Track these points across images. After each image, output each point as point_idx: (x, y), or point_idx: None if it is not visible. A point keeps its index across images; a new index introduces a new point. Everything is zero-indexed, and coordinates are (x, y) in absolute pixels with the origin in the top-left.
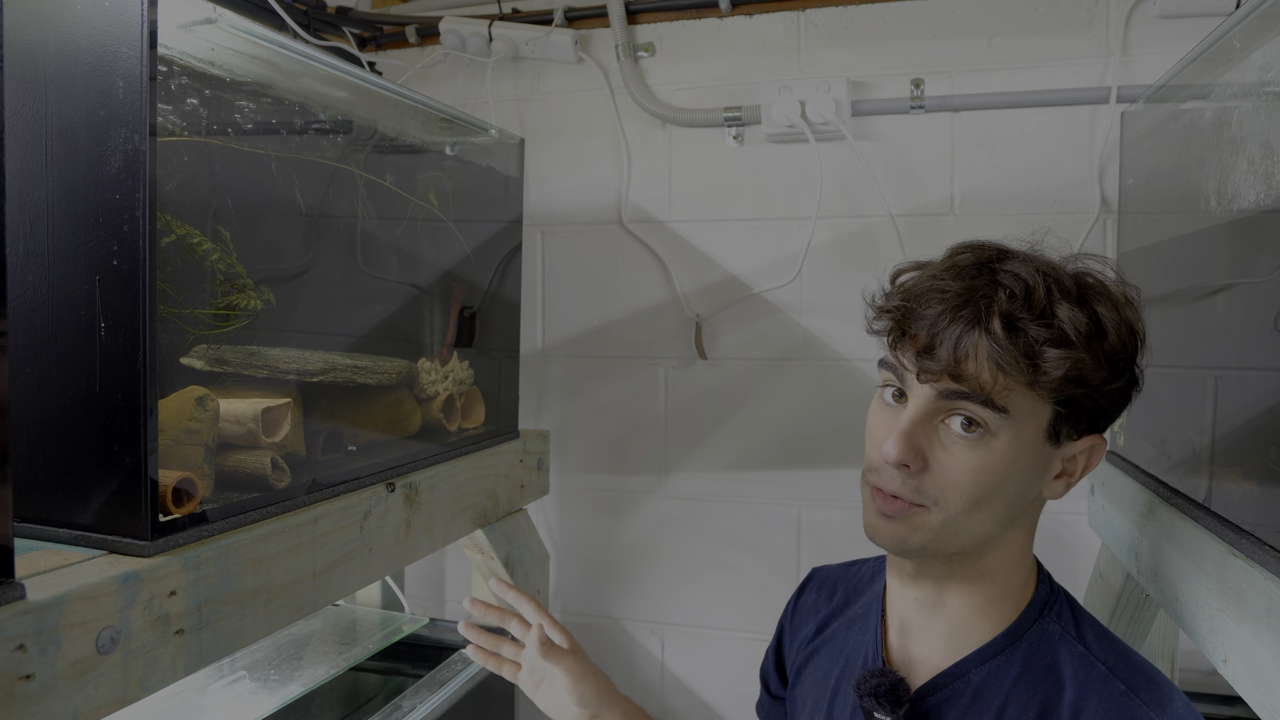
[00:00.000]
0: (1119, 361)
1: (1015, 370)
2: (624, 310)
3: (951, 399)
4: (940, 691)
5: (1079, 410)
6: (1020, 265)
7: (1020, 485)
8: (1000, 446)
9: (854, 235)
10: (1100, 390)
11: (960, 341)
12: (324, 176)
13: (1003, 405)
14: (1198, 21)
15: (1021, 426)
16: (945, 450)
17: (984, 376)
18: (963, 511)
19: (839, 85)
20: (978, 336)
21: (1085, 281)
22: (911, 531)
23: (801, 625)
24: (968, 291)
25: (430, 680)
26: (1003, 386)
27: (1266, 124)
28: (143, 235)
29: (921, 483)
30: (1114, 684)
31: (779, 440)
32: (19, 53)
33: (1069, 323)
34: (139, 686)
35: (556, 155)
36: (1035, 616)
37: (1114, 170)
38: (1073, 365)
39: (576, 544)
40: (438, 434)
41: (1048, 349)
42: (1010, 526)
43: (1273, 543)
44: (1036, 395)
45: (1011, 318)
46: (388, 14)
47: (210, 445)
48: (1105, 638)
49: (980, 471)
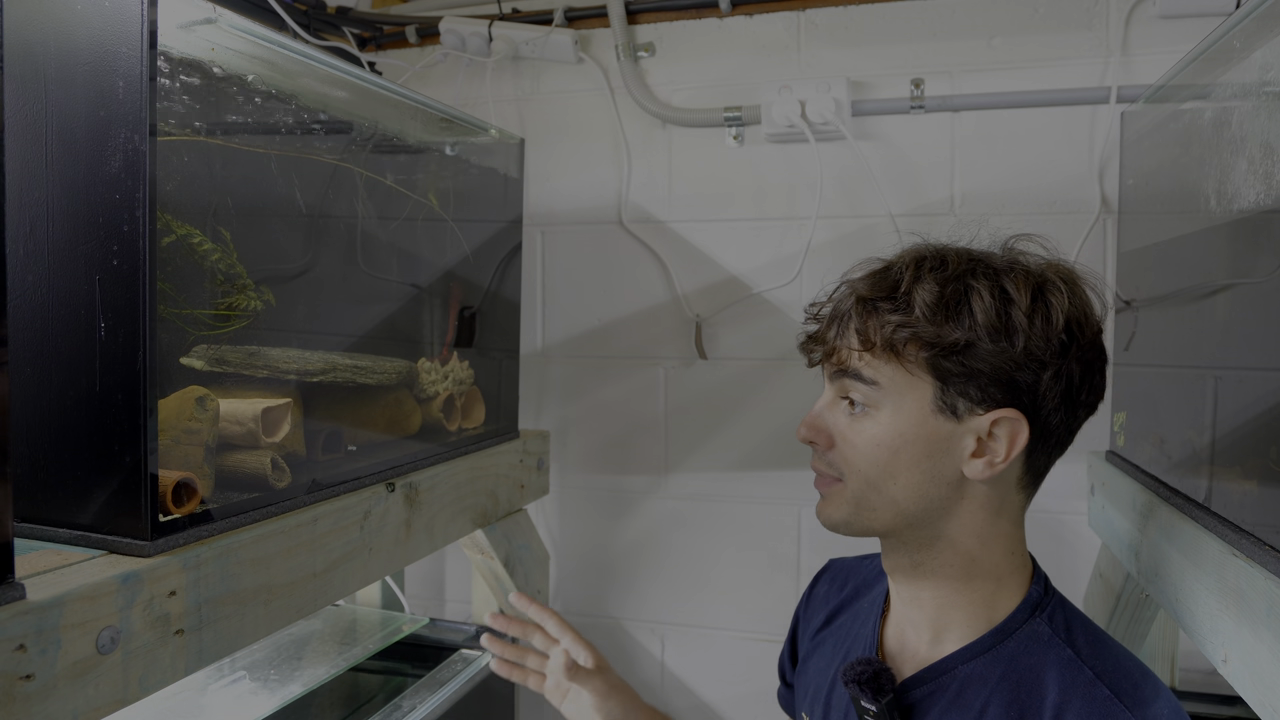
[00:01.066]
0: (996, 332)
1: (868, 340)
2: (624, 310)
3: (839, 379)
4: (924, 685)
5: (960, 380)
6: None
7: (921, 459)
8: (885, 418)
9: (854, 235)
10: (967, 359)
11: (837, 325)
12: (324, 176)
13: (871, 378)
14: (1198, 21)
15: (901, 400)
16: (844, 429)
17: (854, 354)
18: (867, 483)
19: (839, 85)
20: (847, 319)
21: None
22: (834, 507)
23: (814, 616)
24: (854, 282)
25: (430, 680)
26: (868, 362)
27: (1266, 124)
28: (143, 235)
29: (830, 456)
30: (1099, 689)
31: (779, 440)
32: (19, 53)
33: (918, 297)
34: (139, 686)
35: (556, 155)
36: (1025, 617)
37: (1114, 170)
38: (914, 332)
39: (576, 544)
40: (438, 434)
41: (888, 316)
42: (946, 511)
43: (1273, 543)
44: (906, 369)
45: (865, 299)
46: (388, 14)
47: (210, 445)
48: (1097, 642)
49: (871, 443)
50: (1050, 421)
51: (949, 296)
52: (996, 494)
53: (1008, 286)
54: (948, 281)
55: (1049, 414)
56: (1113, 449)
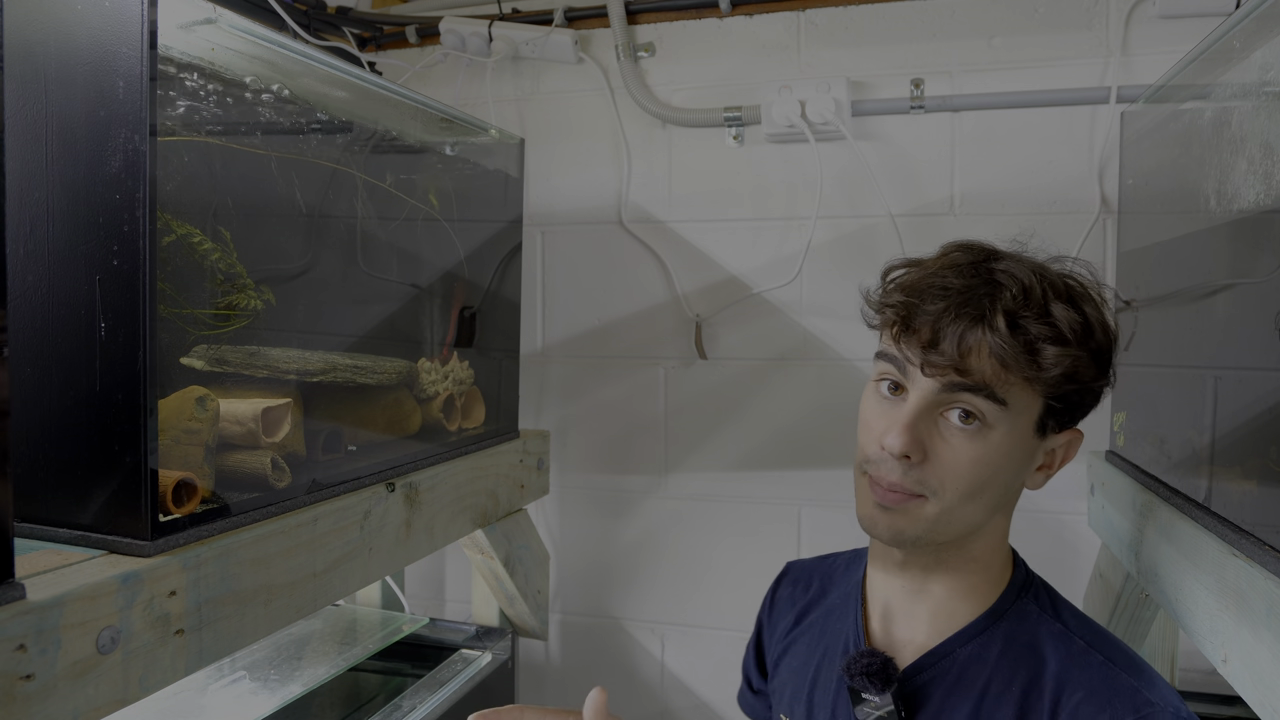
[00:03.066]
0: (1104, 359)
1: (1016, 365)
2: (624, 310)
3: (953, 392)
4: (926, 671)
5: (1068, 405)
6: (1014, 265)
7: (1010, 476)
8: (997, 438)
9: (854, 235)
10: (1088, 386)
11: (964, 337)
12: (324, 176)
13: (1003, 398)
14: (1198, 21)
15: (1016, 420)
16: (944, 442)
17: (987, 371)
18: (959, 502)
19: (839, 85)
20: (981, 333)
21: (1069, 283)
22: (909, 523)
23: (780, 618)
24: (968, 289)
25: (430, 680)
26: (1004, 381)
27: (1266, 124)
28: (143, 235)
29: (922, 474)
30: (1093, 656)
31: (779, 440)
32: (19, 53)
33: (1064, 321)
34: (139, 686)
35: (556, 155)
36: (1014, 597)
37: (1114, 170)
38: (1071, 362)
39: (576, 544)
40: (438, 434)
41: (1046, 346)
42: (995, 515)
43: (1273, 543)
44: (1032, 390)
45: (1014, 315)
46: (388, 14)
47: (210, 445)
48: (1079, 617)
49: (978, 463)
50: None
51: (1079, 322)
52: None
53: (1106, 317)
54: (1071, 304)
55: None
56: (1113, 449)
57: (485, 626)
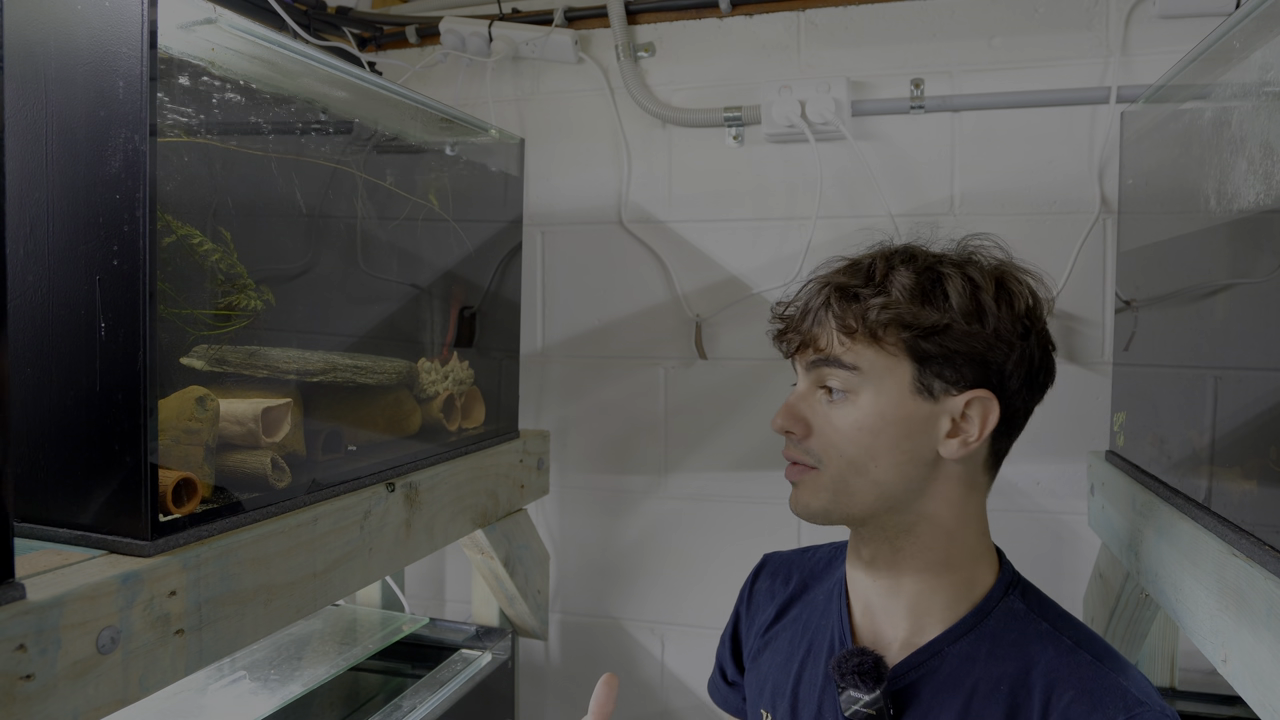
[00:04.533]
0: (969, 315)
1: (848, 326)
2: (624, 310)
3: (816, 368)
4: (915, 669)
5: (937, 361)
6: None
7: (901, 440)
8: (865, 403)
9: (854, 235)
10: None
11: (813, 316)
12: (324, 177)
13: (852, 363)
14: (1198, 21)
15: (881, 383)
16: (823, 417)
17: (834, 341)
18: (848, 468)
19: (839, 85)
20: (825, 311)
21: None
22: (810, 494)
23: (759, 611)
24: (824, 279)
25: (430, 680)
26: (849, 348)
27: (1266, 124)
28: (143, 235)
29: (808, 445)
30: (1081, 655)
31: (779, 440)
32: (19, 53)
33: (895, 283)
34: (139, 686)
35: (556, 155)
36: (1000, 595)
37: (1114, 170)
38: (895, 314)
39: (576, 544)
40: (438, 434)
41: (872, 302)
42: (923, 492)
43: (1273, 543)
44: (884, 350)
45: (845, 287)
46: (388, 14)
47: (210, 445)
48: (1065, 616)
49: (852, 427)
50: (1014, 402)
51: (924, 282)
52: (968, 473)
53: (973, 275)
54: (920, 270)
55: (1014, 394)
56: (1113, 449)
57: (485, 626)
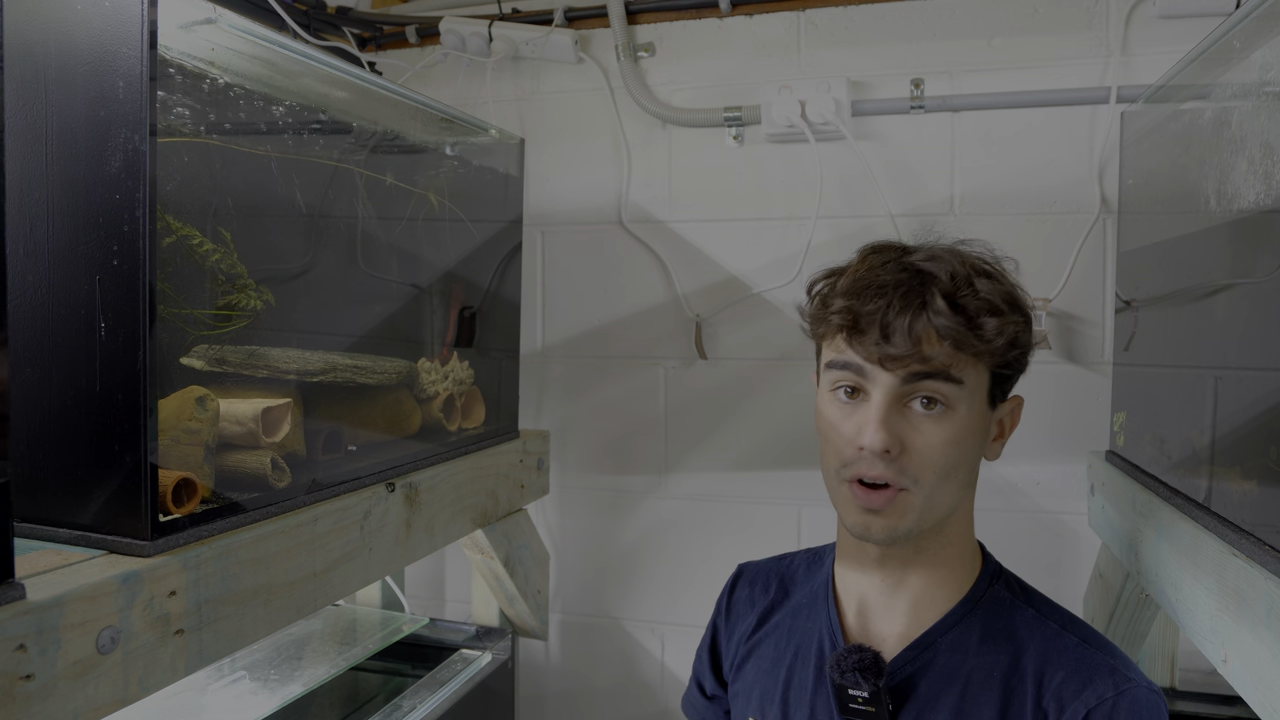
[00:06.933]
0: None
1: (966, 342)
2: (624, 310)
3: (915, 381)
4: (911, 663)
5: (1013, 373)
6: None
7: (975, 450)
8: (960, 417)
9: (854, 235)
10: (1027, 350)
11: (913, 327)
12: (324, 176)
13: (959, 377)
14: (1198, 21)
15: (973, 396)
16: (915, 430)
17: (941, 354)
18: (937, 485)
19: (839, 85)
20: (927, 319)
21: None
22: (900, 518)
23: (739, 620)
24: (901, 283)
25: (430, 680)
26: (957, 360)
27: (1266, 124)
28: (143, 235)
29: (902, 465)
30: (1068, 638)
31: (779, 440)
32: (19, 53)
33: (994, 294)
34: (139, 686)
35: (556, 155)
36: (987, 585)
37: (1114, 170)
38: (1012, 329)
39: (576, 544)
40: (438, 434)
41: (986, 318)
42: (965, 493)
43: (1273, 543)
44: (980, 364)
45: (951, 297)
46: (388, 14)
47: (210, 445)
48: (1048, 602)
49: (948, 444)
50: None
51: (1005, 292)
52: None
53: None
54: (990, 278)
55: None
56: (1113, 449)
57: (485, 626)
